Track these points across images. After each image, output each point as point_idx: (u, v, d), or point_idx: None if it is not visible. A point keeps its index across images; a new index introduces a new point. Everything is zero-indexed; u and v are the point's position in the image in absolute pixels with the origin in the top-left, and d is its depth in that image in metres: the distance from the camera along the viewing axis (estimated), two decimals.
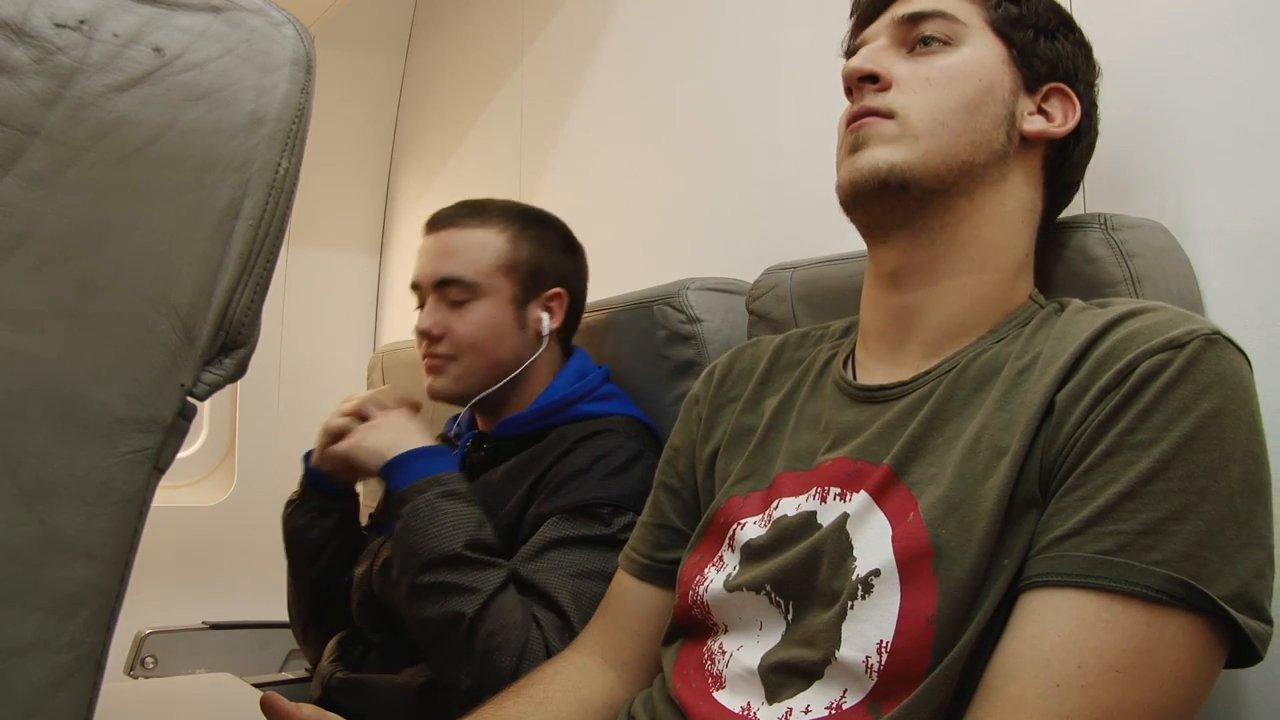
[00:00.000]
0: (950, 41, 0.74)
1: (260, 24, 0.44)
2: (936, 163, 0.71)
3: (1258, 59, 0.81)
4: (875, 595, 0.62)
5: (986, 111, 0.72)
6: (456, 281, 1.19)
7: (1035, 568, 0.58)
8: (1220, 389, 0.58)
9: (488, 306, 1.20)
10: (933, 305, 0.73)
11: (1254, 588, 0.56)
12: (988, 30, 0.75)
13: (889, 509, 0.65)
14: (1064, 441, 0.60)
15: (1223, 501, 0.56)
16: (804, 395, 0.80)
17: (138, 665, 1.50)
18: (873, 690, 0.61)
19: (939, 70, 0.73)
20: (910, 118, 0.72)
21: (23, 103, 0.38)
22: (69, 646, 0.38)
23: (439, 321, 1.19)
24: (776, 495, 0.75)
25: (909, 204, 0.72)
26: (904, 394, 0.71)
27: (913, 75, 0.73)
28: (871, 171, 0.71)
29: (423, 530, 1.00)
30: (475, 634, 0.95)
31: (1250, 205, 0.80)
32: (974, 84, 0.73)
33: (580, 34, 1.75)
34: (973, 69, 0.73)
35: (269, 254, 0.43)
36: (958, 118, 0.72)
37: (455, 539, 1.00)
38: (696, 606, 0.75)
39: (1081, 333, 0.63)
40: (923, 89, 0.72)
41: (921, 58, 0.74)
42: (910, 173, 0.70)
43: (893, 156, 0.71)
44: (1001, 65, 0.74)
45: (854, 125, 0.74)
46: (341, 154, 2.31)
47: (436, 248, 1.23)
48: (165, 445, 0.41)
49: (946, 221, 0.72)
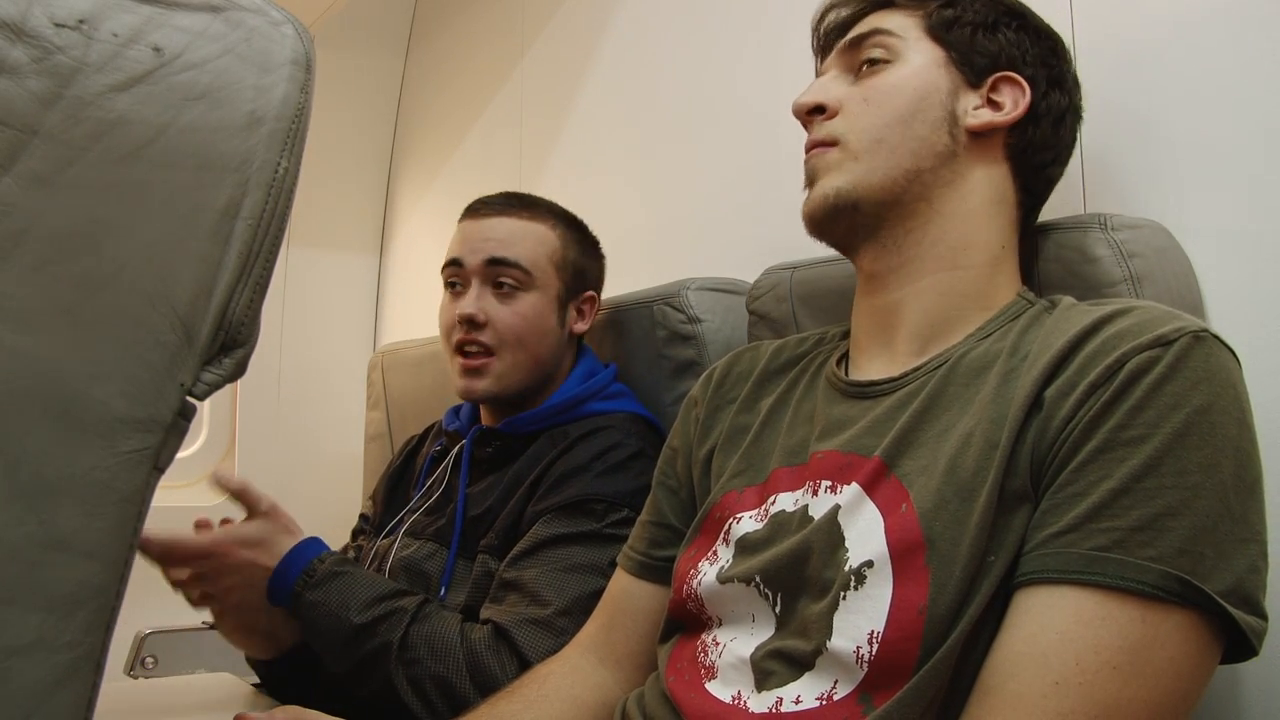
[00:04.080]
0: (890, 59, 0.77)
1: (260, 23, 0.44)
2: (879, 178, 0.74)
3: (1258, 59, 0.81)
4: (868, 586, 0.63)
5: (923, 118, 0.75)
6: (514, 265, 1.15)
7: (1031, 564, 0.59)
8: (1210, 385, 0.58)
9: (537, 299, 1.16)
10: (912, 304, 0.75)
11: (1249, 583, 0.56)
12: (925, 38, 0.77)
13: (880, 500, 0.66)
14: (1054, 436, 0.60)
15: (1216, 497, 0.56)
16: (799, 393, 0.81)
17: (138, 665, 1.50)
18: (863, 681, 0.61)
19: (875, 89, 0.76)
20: (850, 141, 0.75)
21: (22, 102, 0.37)
22: (68, 646, 0.38)
23: (483, 308, 1.15)
24: (773, 490, 0.75)
25: (865, 220, 0.75)
26: (895, 389, 0.72)
27: (852, 98, 0.77)
28: (821, 200, 0.76)
29: (320, 627, 0.98)
30: (411, 665, 0.94)
31: (1250, 205, 0.80)
32: (907, 95, 0.75)
33: (580, 34, 1.75)
34: (906, 80, 0.76)
35: (268, 253, 0.43)
36: (894, 131, 0.74)
37: (346, 619, 0.97)
38: (691, 600, 0.76)
39: (1071, 329, 0.64)
40: (861, 111, 0.76)
41: (864, 80, 0.77)
42: (855, 193, 0.74)
43: (838, 182, 0.75)
44: (937, 69, 0.76)
45: (806, 158, 0.79)
46: (341, 154, 2.31)
47: (487, 231, 1.18)
48: (165, 445, 0.41)
49: (910, 227, 0.75)
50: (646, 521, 0.89)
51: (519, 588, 0.99)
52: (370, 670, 0.95)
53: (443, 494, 1.21)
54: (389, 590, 1.00)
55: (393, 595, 0.99)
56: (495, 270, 1.16)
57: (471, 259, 1.17)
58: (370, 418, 1.82)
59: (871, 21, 0.79)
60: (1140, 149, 0.88)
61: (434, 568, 1.12)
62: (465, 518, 1.13)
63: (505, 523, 1.08)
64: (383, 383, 1.78)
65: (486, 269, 1.16)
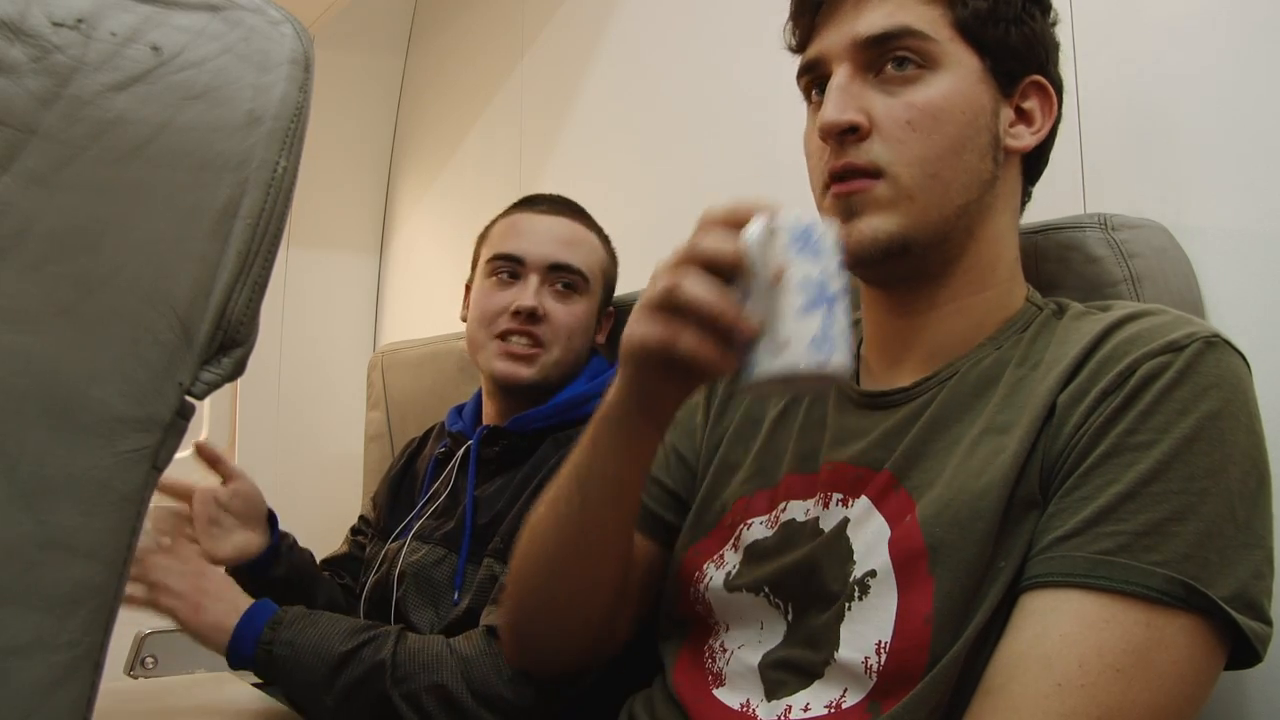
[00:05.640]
0: (924, 62, 0.68)
1: (258, 23, 0.44)
2: (934, 217, 0.67)
3: (1258, 59, 0.81)
4: (872, 596, 0.63)
5: (973, 145, 0.68)
6: (575, 271, 1.18)
7: (1036, 568, 0.58)
8: (1220, 391, 0.58)
9: (587, 304, 1.20)
10: (935, 325, 0.72)
11: (1253, 588, 0.56)
12: (959, 40, 0.68)
13: (888, 512, 0.65)
14: (1065, 443, 0.60)
15: (1222, 502, 0.56)
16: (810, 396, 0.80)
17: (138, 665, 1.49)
18: (872, 690, 0.61)
19: (920, 111, 0.67)
20: (900, 176, 0.67)
21: (20, 102, 0.37)
22: (67, 646, 0.38)
23: (543, 303, 1.17)
24: (784, 497, 0.74)
25: (913, 261, 0.69)
26: (906, 400, 0.71)
27: (892, 119, 0.67)
28: (872, 243, 0.67)
29: (299, 665, 0.94)
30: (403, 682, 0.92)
31: (1250, 205, 0.80)
32: (957, 121, 0.67)
33: (580, 34, 1.75)
34: (954, 101, 0.67)
35: (267, 253, 0.43)
36: (947, 164, 0.67)
37: (329, 649, 0.94)
38: (699, 603, 0.75)
39: (1083, 337, 0.63)
40: (907, 138, 0.67)
41: (896, 87, 0.68)
42: (910, 236, 0.67)
43: (890, 225, 0.67)
44: (980, 85, 0.69)
45: (841, 189, 0.68)
46: (341, 154, 2.31)
47: (556, 231, 1.20)
48: (164, 444, 0.41)
49: (949, 258, 0.70)
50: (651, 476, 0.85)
51: None
52: (360, 697, 0.92)
53: (449, 496, 1.20)
54: (365, 623, 0.99)
55: (370, 625, 0.98)
56: (559, 274, 1.18)
57: (536, 256, 1.18)
58: (370, 418, 1.82)
59: (890, 11, 0.68)
60: (1140, 149, 0.88)
61: (443, 574, 1.12)
62: (474, 523, 1.13)
63: (511, 526, 1.08)
64: (383, 383, 1.78)
65: (550, 269, 1.18)
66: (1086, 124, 0.88)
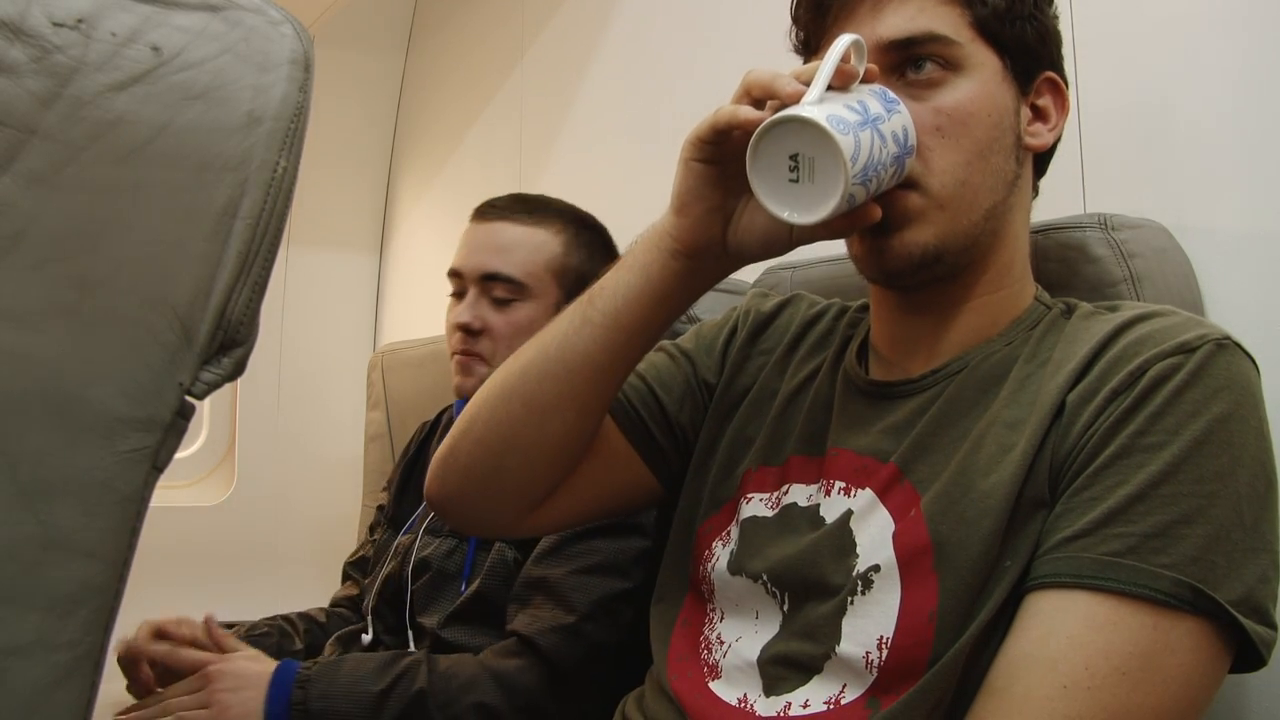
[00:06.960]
0: (947, 64, 0.66)
1: (258, 23, 0.44)
2: (964, 225, 0.66)
3: (1258, 59, 0.81)
4: (875, 591, 0.62)
5: (999, 147, 0.67)
6: (506, 280, 1.16)
7: (1043, 568, 0.58)
8: (1230, 394, 0.58)
9: (532, 309, 1.16)
10: (951, 323, 0.71)
11: (1259, 592, 0.56)
12: (979, 41, 0.67)
13: (892, 506, 0.65)
14: (1074, 442, 0.60)
15: (1230, 506, 0.56)
16: (822, 377, 0.78)
17: None
18: (872, 685, 0.61)
19: (948, 117, 0.66)
20: (932, 185, 0.65)
21: (21, 102, 0.37)
22: (68, 646, 0.38)
23: (479, 316, 1.16)
24: (787, 479, 0.74)
25: (942, 270, 0.68)
26: (914, 391, 0.70)
27: (920, 125, 0.65)
28: (907, 258, 0.66)
29: (338, 714, 0.93)
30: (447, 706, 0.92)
31: (1250, 205, 0.80)
32: (984, 124, 0.66)
33: (580, 33, 1.75)
34: (981, 104, 0.66)
35: (267, 253, 0.43)
36: (975, 170, 0.66)
37: (365, 691, 0.94)
38: (704, 582, 0.75)
39: (1093, 336, 0.63)
40: (937, 145, 0.65)
41: (920, 91, 0.66)
42: (944, 245, 0.66)
43: (925, 237, 0.66)
44: (1002, 85, 0.68)
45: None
46: (341, 154, 2.31)
47: (488, 239, 1.18)
48: (164, 444, 0.41)
49: (973, 261, 0.69)
50: (640, 373, 0.83)
51: (544, 588, 0.99)
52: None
53: None
54: (390, 656, 0.99)
55: (396, 658, 0.98)
56: (492, 284, 1.17)
57: (470, 272, 1.18)
58: (370, 418, 1.82)
59: (911, 14, 0.66)
60: (1140, 149, 0.88)
61: (454, 565, 1.13)
62: None
63: None
64: (383, 383, 1.78)
65: (483, 279, 1.17)
66: (1086, 124, 0.88)
